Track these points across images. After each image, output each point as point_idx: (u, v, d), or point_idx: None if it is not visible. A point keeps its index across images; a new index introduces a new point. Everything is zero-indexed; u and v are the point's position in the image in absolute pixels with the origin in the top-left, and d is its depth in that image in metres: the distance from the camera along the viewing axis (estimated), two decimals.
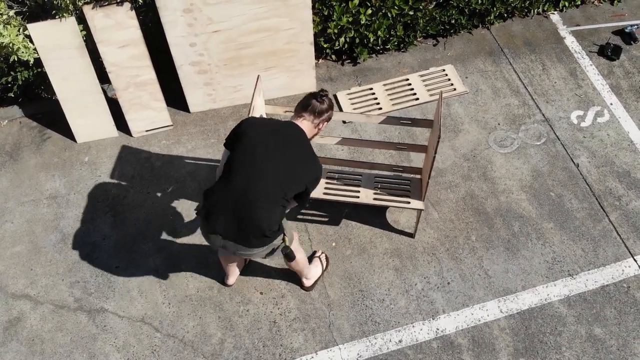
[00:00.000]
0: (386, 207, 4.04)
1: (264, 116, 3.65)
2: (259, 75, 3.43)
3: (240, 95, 4.56)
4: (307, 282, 3.69)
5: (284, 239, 3.16)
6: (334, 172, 3.89)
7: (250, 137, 2.98)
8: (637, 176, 4.17)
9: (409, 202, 3.66)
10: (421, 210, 3.65)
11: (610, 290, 3.70)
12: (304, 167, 3.00)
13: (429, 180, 3.41)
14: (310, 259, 3.76)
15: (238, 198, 2.92)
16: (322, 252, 3.81)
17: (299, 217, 4.01)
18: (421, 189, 3.71)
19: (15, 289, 3.80)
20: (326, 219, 4.01)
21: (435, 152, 3.22)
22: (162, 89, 4.33)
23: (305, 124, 3.05)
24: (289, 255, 3.29)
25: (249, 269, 3.81)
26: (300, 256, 3.45)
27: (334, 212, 4.03)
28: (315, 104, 3.03)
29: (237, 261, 3.61)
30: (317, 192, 3.75)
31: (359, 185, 3.79)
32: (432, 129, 3.46)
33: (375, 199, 3.71)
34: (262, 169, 2.92)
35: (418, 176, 3.88)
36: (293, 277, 3.77)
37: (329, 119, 3.14)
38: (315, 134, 3.15)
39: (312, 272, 3.68)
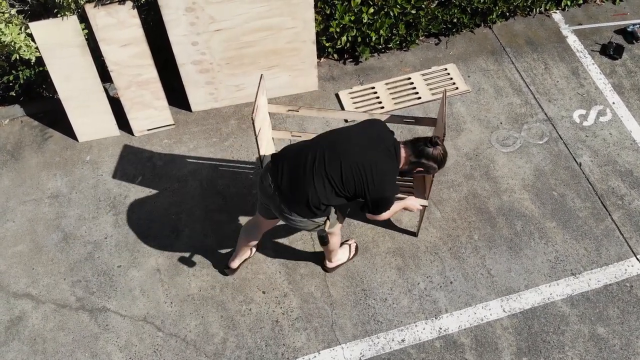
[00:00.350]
0: None
1: (267, 115, 3.64)
2: (262, 75, 3.42)
3: (242, 95, 4.55)
4: (330, 265, 3.72)
5: (325, 222, 3.13)
6: None
7: (347, 128, 3.05)
8: None
9: (413, 194, 3.66)
10: (425, 207, 3.64)
11: (613, 289, 3.69)
12: (377, 178, 2.91)
13: (432, 180, 3.40)
14: (341, 244, 3.75)
15: (306, 162, 2.94)
16: (354, 241, 3.82)
17: None
18: (424, 187, 3.70)
19: (16, 288, 3.79)
20: None
21: None
22: (163, 88, 4.32)
23: (402, 152, 3.00)
24: (323, 239, 3.21)
25: (251, 268, 3.80)
26: (335, 241, 3.44)
27: None
28: (421, 142, 2.98)
29: (254, 242, 3.59)
30: None
31: None
32: (436, 128, 3.46)
33: None
34: (343, 151, 2.91)
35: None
36: (295, 276, 3.76)
37: (427, 170, 3.03)
38: (403, 170, 3.04)
39: (337, 256, 3.69)
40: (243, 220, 4.01)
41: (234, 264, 3.72)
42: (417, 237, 3.90)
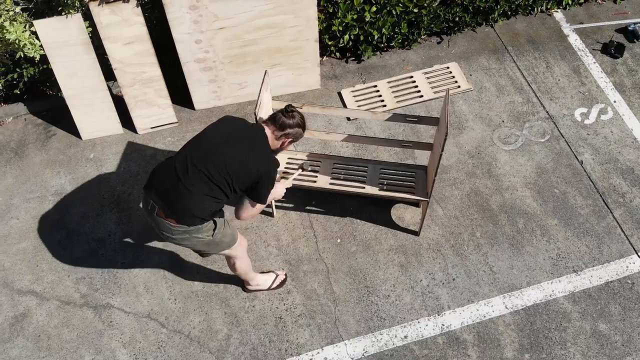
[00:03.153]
0: (391, 204, 4.06)
1: (271, 112, 3.66)
2: (266, 71, 3.44)
3: (245, 93, 4.57)
4: (249, 287, 3.68)
5: (213, 232, 3.05)
6: (340, 163, 3.90)
7: (210, 129, 3.04)
8: None
9: (413, 194, 3.68)
10: (427, 201, 3.65)
11: (614, 286, 3.71)
12: (256, 162, 2.93)
13: (435, 178, 3.42)
14: (271, 271, 3.75)
15: (179, 172, 2.91)
16: (285, 274, 3.75)
17: (304, 212, 4.02)
18: (426, 185, 3.72)
19: (21, 285, 3.81)
20: (331, 216, 4.02)
21: (442, 150, 3.23)
22: (167, 86, 4.34)
23: (268, 132, 3.03)
24: (202, 254, 3.23)
25: (255, 265, 3.82)
26: (241, 265, 3.40)
27: (339, 209, 4.04)
28: (279, 115, 3.02)
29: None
30: (323, 182, 3.77)
31: (364, 177, 3.81)
32: (439, 127, 3.48)
33: (380, 189, 3.73)
34: (211, 152, 2.91)
35: (423, 164, 3.88)
36: (298, 273, 3.78)
37: (294, 138, 3.08)
38: (278, 148, 3.09)
39: (257, 280, 3.65)
40: None
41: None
42: (419, 235, 3.91)
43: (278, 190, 3.28)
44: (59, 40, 3.94)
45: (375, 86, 4.71)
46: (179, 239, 3.02)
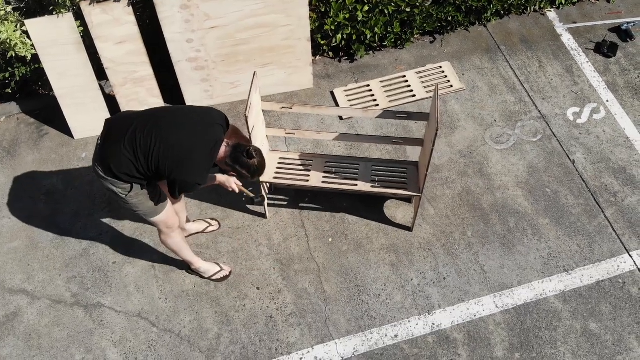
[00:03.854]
0: (383, 203, 4.06)
1: (260, 113, 3.66)
2: (255, 72, 3.44)
3: (237, 92, 4.57)
4: (192, 270, 3.75)
5: (125, 195, 3.08)
6: (332, 161, 3.90)
7: (181, 107, 3.14)
8: (633, 172, 4.18)
9: (406, 189, 3.69)
10: (419, 197, 3.65)
11: (605, 285, 3.71)
12: (185, 162, 2.94)
13: (427, 173, 3.42)
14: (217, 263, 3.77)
15: (128, 129, 2.98)
16: (230, 270, 3.76)
17: (296, 212, 4.02)
18: (418, 181, 3.72)
19: (12, 284, 3.81)
20: (323, 215, 4.02)
21: (433, 145, 3.23)
22: (159, 86, 4.34)
23: (222, 151, 3.04)
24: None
25: (246, 264, 3.82)
26: (175, 241, 3.45)
27: (331, 208, 4.04)
28: (241, 150, 3.01)
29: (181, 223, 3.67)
30: (315, 181, 3.77)
31: (356, 174, 3.81)
32: (429, 122, 3.48)
33: (372, 186, 3.73)
34: (163, 127, 2.95)
35: (415, 161, 3.88)
36: (289, 272, 3.78)
37: (239, 175, 3.11)
38: (222, 168, 3.12)
39: (198, 264, 3.69)
40: (237, 216, 4.03)
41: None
42: (412, 231, 3.91)
43: (223, 180, 3.30)
44: (50, 39, 3.94)
45: (368, 85, 4.71)
46: (102, 186, 3.13)
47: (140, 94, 4.30)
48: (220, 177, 3.30)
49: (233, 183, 3.30)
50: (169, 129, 2.96)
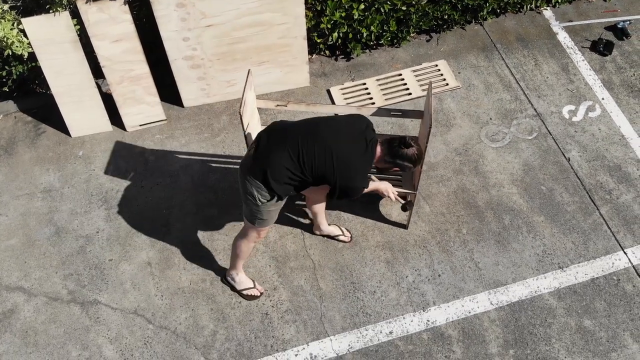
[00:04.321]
0: (378, 200, 4.07)
1: (256, 111, 3.67)
2: (249, 70, 3.46)
3: (234, 90, 4.58)
4: (228, 277, 3.70)
5: (260, 203, 3.11)
6: None
7: (333, 117, 3.20)
8: (628, 170, 4.19)
9: (401, 186, 3.70)
10: (414, 194, 3.66)
11: (600, 282, 3.72)
12: (348, 166, 2.99)
13: (422, 171, 3.43)
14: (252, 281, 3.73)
15: (285, 137, 3.03)
16: (260, 293, 3.69)
17: (291, 209, 4.03)
18: (412, 179, 3.74)
19: (9, 281, 3.83)
20: None
21: (427, 142, 3.24)
22: (155, 84, 4.35)
23: (378, 150, 3.07)
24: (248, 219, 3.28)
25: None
26: (244, 247, 3.43)
27: (327, 205, 4.04)
28: (395, 144, 3.03)
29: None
30: None
31: None
32: (423, 119, 3.49)
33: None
34: (323, 135, 3.00)
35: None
36: (285, 269, 3.80)
37: (402, 169, 3.12)
38: (381, 167, 3.14)
39: (238, 275, 3.65)
40: (234, 215, 4.04)
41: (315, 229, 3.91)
42: (407, 229, 3.93)
43: (382, 188, 3.38)
44: (47, 38, 3.95)
45: (364, 84, 4.72)
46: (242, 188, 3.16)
47: (137, 92, 4.32)
48: (379, 184, 3.36)
49: (391, 191, 3.39)
50: (331, 138, 3.00)
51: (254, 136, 3.61)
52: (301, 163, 2.99)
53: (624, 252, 3.84)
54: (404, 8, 4.61)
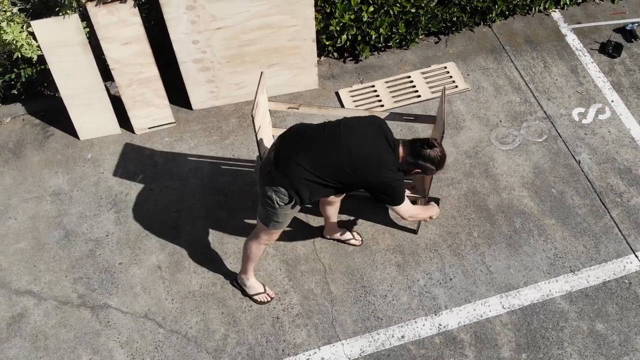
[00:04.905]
0: None
1: (267, 113, 3.66)
2: (262, 72, 3.45)
3: (243, 93, 4.57)
4: (239, 279, 3.69)
5: (277, 206, 3.07)
6: None
7: (351, 118, 3.12)
8: (639, 173, 4.18)
9: (411, 190, 3.69)
10: (424, 199, 3.66)
11: (611, 286, 3.71)
12: (378, 165, 2.94)
13: (432, 177, 3.42)
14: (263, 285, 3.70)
15: (305, 143, 3.02)
16: (271, 298, 3.67)
17: (301, 212, 4.02)
18: (423, 183, 3.73)
19: (18, 285, 3.81)
20: None
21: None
22: (165, 86, 4.34)
23: (400, 151, 3.01)
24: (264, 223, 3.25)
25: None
26: (255, 249, 3.40)
27: None
28: (418, 145, 2.98)
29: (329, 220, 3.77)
30: None
31: None
32: (435, 125, 3.48)
33: None
34: (344, 138, 2.96)
35: None
36: (296, 273, 3.79)
37: (424, 171, 3.04)
38: (403, 170, 3.03)
39: (249, 279, 3.63)
40: (244, 217, 4.03)
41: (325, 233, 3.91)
42: (417, 234, 3.92)
43: (433, 213, 3.43)
44: (56, 40, 3.94)
45: (373, 86, 4.71)
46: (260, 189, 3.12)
47: (146, 95, 4.31)
48: (432, 210, 3.40)
49: (437, 212, 3.45)
50: (355, 141, 2.96)
51: (265, 138, 3.60)
52: (323, 168, 2.96)
53: (636, 255, 3.83)
54: (413, 10, 4.60)
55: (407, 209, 3.17)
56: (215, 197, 4.14)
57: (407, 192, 3.44)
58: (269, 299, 3.67)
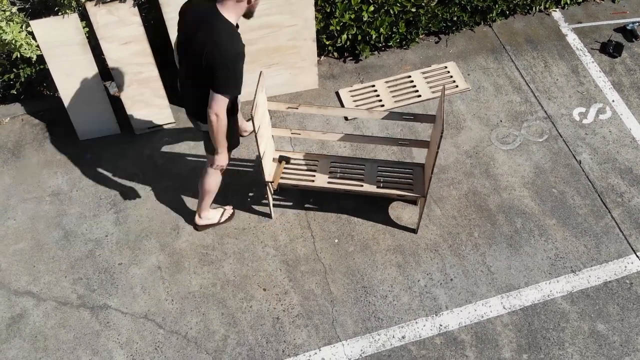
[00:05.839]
0: (388, 203, 4.05)
1: (266, 113, 3.65)
2: (261, 72, 3.43)
3: (242, 92, 4.54)
4: (199, 221, 3.87)
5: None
6: (337, 162, 3.89)
7: (183, 25, 3.22)
8: (639, 173, 4.18)
9: (411, 191, 3.68)
10: (424, 198, 3.64)
11: (612, 286, 3.70)
12: (211, 47, 2.96)
13: (432, 176, 3.41)
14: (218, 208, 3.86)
15: (183, 80, 3.35)
16: (232, 208, 3.85)
17: (301, 213, 4.01)
18: (423, 183, 3.72)
19: (18, 285, 3.80)
20: (329, 216, 4.01)
21: (438, 148, 3.22)
22: (164, 87, 4.33)
23: (228, 4, 3.01)
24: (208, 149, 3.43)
25: (252, 265, 3.81)
26: (211, 181, 3.59)
27: (337, 209, 4.03)
28: None
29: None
30: (321, 182, 3.76)
31: (362, 175, 3.80)
32: (435, 124, 3.47)
33: (378, 187, 3.72)
34: (186, 54, 3.16)
35: (421, 162, 3.87)
36: (296, 273, 3.78)
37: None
38: (248, 11, 3.12)
39: (208, 214, 3.84)
40: (244, 217, 4.02)
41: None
42: (417, 234, 3.91)
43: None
44: (56, 40, 3.93)
45: (373, 86, 4.70)
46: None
47: (146, 94, 4.29)
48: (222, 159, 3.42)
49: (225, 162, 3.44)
50: (191, 36, 3.08)
51: (264, 138, 3.59)
52: (196, 74, 3.08)
53: (637, 256, 3.82)
54: (413, 10, 4.59)
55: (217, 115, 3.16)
56: (215, 197, 4.12)
57: (404, 192, 3.44)
58: (232, 210, 3.82)
